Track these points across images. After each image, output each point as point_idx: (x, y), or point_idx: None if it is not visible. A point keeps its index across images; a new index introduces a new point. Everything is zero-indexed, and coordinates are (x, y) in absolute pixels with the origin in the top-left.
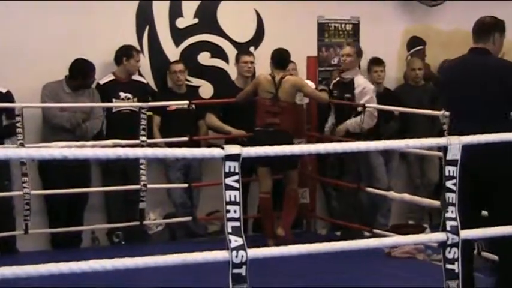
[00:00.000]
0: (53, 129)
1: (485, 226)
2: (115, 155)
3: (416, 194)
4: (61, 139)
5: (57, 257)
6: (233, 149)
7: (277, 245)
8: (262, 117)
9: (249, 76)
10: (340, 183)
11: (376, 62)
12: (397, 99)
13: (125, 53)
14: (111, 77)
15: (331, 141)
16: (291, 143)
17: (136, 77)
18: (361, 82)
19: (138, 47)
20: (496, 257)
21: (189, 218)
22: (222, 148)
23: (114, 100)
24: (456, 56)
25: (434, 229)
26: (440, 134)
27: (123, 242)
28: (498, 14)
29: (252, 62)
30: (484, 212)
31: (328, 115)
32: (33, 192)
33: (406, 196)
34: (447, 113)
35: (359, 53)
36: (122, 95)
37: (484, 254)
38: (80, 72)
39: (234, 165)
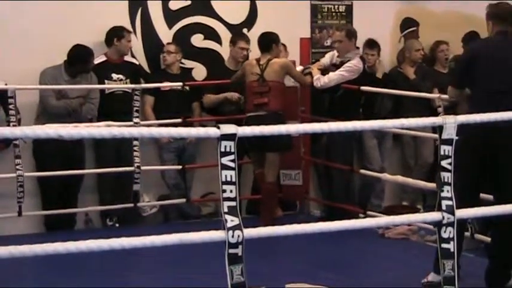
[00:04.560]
0: (49, 116)
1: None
2: (110, 134)
3: (410, 175)
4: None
5: (51, 239)
6: (229, 128)
7: None
8: (250, 99)
9: (242, 61)
10: (333, 165)
11: (369, 44)
12: (390, 80)
13: (115, 34)
14: (103, 58)
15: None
16: (282, 123)
17: (128, 58)
18: (354, 62)
19: (131, 29)
20: (488, 239)
21: (182, 200)
22: (218, 127)
23: (106, 81)
24: (449, 36)
25: (427, 210)
26: (435, 113)
27: (116, 224)
28: None
29: (248, 49)
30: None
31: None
32: (26, 174)
33: (400, 178)
34: (443, 96)
35: (350, 35)
36: (115, 76)
37: (477, 236)
38: (79, 58)
39: (230, 145)
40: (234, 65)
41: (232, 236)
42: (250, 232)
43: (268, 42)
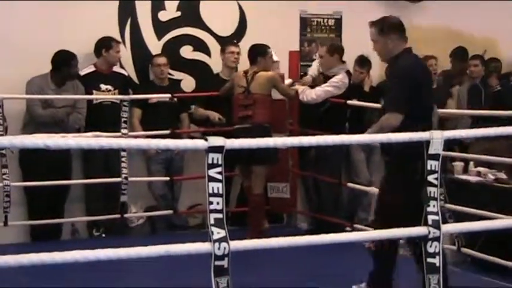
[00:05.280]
0: (36, 126)
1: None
2: (98, 145)
3: None
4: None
5: (37, 249)
6: (217, 140)
7: None
8: (236, 112)
9: (234, 67)
10: (321, 178)
11: (360, 62)
12: (379, 94)
13: (104, 45)
14: (92, 69)
15: (313, 135)
16: (268, 136)
17: (117, 69)
18: (339, 77)
19: (120, 39)
20: (474, 253)
21: (170, 211)
22: (206, 140)
23: (94, 92)
24: (435, 51)
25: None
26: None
27: (103, 235)
28: (475, 11)
29: (238, 53)
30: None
31: None
32: (13, 184)
33: None
34: None
35: (331, 51)
36: (103, 86)
37: (464, 249)
38: (62, 62)
39: (217, 157)
40: (228, 73)
41: (219, 248)
42: (237, 244)
43: (255, 54)
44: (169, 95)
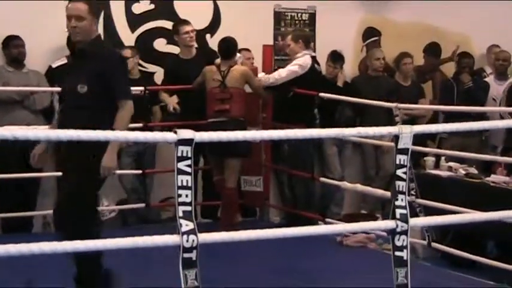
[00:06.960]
0: (3, 105)
1: None
2: (67, 136)
3: (370, 184)
4: (12, 114)
5: (7, 242)
6: (186, 133)
7: None
8: (211, 105)
9: (193, 45)
10: (294, 172)
11: (332, 57)
12: (354, 89)
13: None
14: (65, 61)
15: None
16: (244, 130)
17: None
18: (302, 58)
19: None
20: (444, 248)
21: (142, 205)
22: (175, 132)
23: None
24: (410, 46)
25: (386, 218)
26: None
27: None
28: (452, 7)
29: (192, 31)
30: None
31: None
32: None
33: (359, 186)
34: (401, 105)
35: (295, 38)
36: None
37: (434, 244)
38: (3, 45)
39: (186, 150)
40: (187, 53)
41: (187, 241)
42: (205, 237)
43: (233, 48)
44: (141, 88)
